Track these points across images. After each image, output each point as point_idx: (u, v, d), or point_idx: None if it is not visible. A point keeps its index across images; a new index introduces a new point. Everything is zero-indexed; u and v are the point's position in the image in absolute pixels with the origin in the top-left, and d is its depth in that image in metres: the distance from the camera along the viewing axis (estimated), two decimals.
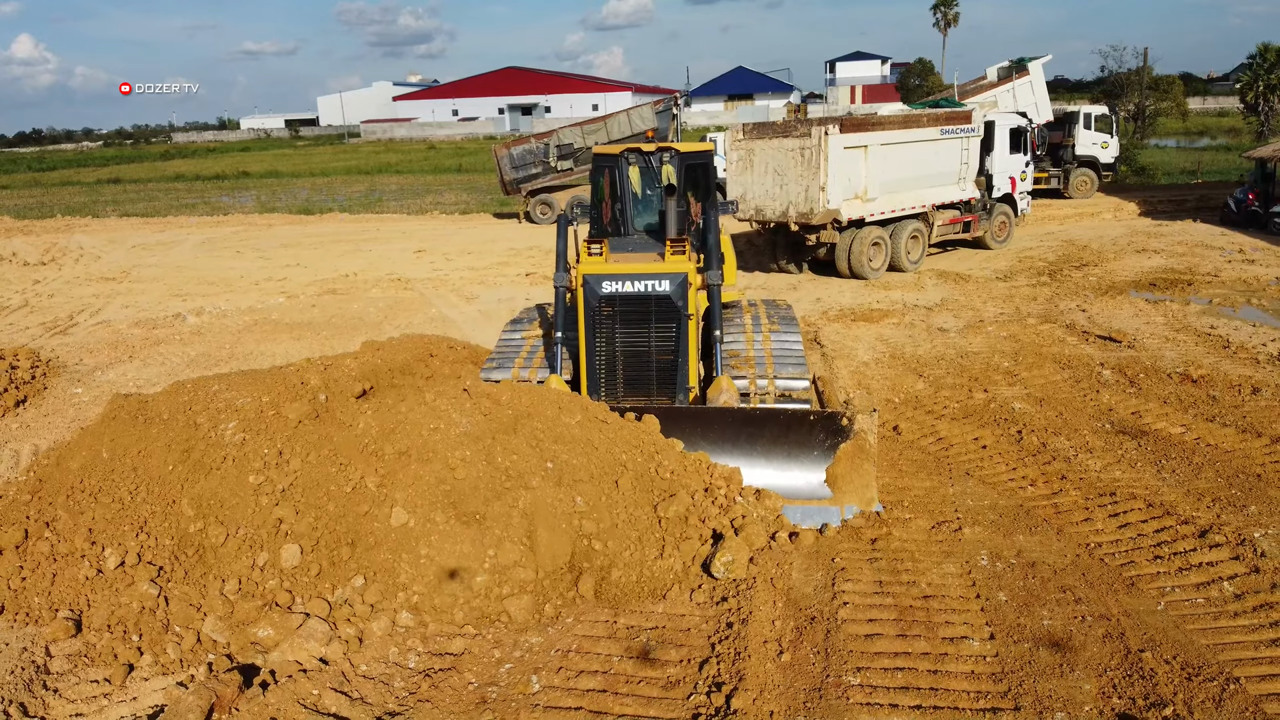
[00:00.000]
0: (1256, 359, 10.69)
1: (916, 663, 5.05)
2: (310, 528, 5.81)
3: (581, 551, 5.83)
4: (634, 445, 6.58)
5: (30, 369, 11.75)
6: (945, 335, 12.38)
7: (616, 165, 9.02)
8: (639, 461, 6.44)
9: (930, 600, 5.67)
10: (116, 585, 5.72)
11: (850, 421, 6.84)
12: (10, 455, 8.94)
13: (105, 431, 6.65)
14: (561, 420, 6.51)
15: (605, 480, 6.17)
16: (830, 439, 6.82)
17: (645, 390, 7.81)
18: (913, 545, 6.39)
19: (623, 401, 7.66)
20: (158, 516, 5.95)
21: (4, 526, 6.23)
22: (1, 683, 5.13)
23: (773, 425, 7.01)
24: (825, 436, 6.84)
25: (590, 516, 5.92)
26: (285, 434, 6.29)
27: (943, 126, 17.52)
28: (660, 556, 5.99)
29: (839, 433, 6.82)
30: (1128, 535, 6.50)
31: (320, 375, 7.06)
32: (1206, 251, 18.00)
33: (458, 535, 5.71)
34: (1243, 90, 55.23)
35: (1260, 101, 51.82)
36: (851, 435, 6.76)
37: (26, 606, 5.83)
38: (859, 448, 6.74)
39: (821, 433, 6.87)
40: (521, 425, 6.35)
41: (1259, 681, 4.82)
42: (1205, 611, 5.52)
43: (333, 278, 18.66)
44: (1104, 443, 8.26)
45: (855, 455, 6.72)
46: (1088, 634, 5.26)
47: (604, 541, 5.88)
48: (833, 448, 6.78)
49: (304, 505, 5.90)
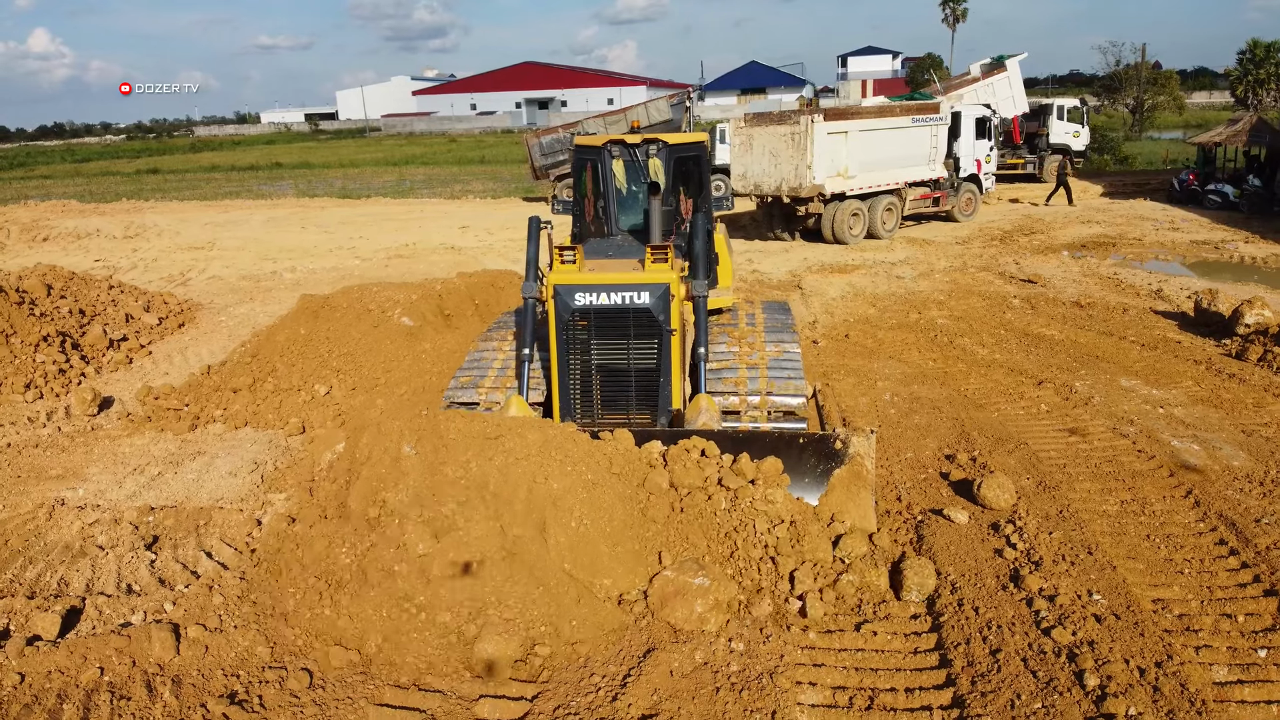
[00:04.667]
0: (1138, 293, 13.76)
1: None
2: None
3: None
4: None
5: (177, 305, 14.99)
6: (900, 280, 15.47)
7: (599, 159, 8.11)
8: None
9: (848, 413, 8.81)
10: (325, 404, 8.92)
11: (845, 445, 6.16)
12: (195, 355, 12.15)
13: (299, 317, 9.89)
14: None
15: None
16: (823, 464, 6.12)
17: (624, 409, 7.08)
18: (842, 390, 9.53)
19: (599, 422, 7.00)
20: (347, 365, 9.16)
21: (238, 376, 9.46)
22: (268, 455, 8.34)
23: (758, 449, 6.12)
24: (817, 462, 6.13)
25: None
26: (434, 322, 9.47)
27: (914, 116, 20.57)
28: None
29: (832, 457, 6.12)
30: (989, 385, 9.64)
31: (441, 285, 10.27)
32: (1141, 222, 20.98)
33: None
34: (1234, 84, 57.81)
35: (1250, 95, 54.36)
36: (847, 460, 6.09)
37: (264, 421, 9.05)
38: (855, 474, 6.07)
39: (813, 457, 6.15)
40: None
41: (1040, 443, 7.94)
42: (1022, 417, 8.66)
43: (395, 246, 21.88)
44: (995, 340, 11.38)
45: (852, 482, 6.06)
46: (941, 425, 8.41)
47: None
48: (826, 474, 6.10)
49: (450, 367, 9.05)
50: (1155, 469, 7.37)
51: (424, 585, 5.10)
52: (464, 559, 5.17)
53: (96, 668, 5.11)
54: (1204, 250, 17.55)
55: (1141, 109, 55.19)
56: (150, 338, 12.90)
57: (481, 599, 5.03)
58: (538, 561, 5.23)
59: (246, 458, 8.14)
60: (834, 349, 11.25)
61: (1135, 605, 5.40)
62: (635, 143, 8.08)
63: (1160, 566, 5.94)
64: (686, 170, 8.28)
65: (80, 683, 5.03)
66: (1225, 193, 22.86)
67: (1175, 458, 7.58)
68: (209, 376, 9.81)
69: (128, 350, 12.13)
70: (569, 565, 5.33)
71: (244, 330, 13.04)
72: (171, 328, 13.79)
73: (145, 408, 9.60)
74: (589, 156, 8.27)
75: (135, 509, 7.21)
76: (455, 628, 5.00)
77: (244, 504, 7.28)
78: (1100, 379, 9.67)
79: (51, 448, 8.84)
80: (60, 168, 67.94)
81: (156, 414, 9.38)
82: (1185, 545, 6.18)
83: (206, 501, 7.34)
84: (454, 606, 5.01)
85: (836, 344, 11.49)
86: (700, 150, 8.29)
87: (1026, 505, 6.69)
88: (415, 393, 8.77)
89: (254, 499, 7.34)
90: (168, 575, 6.29)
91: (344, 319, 9.54)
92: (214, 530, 6.85)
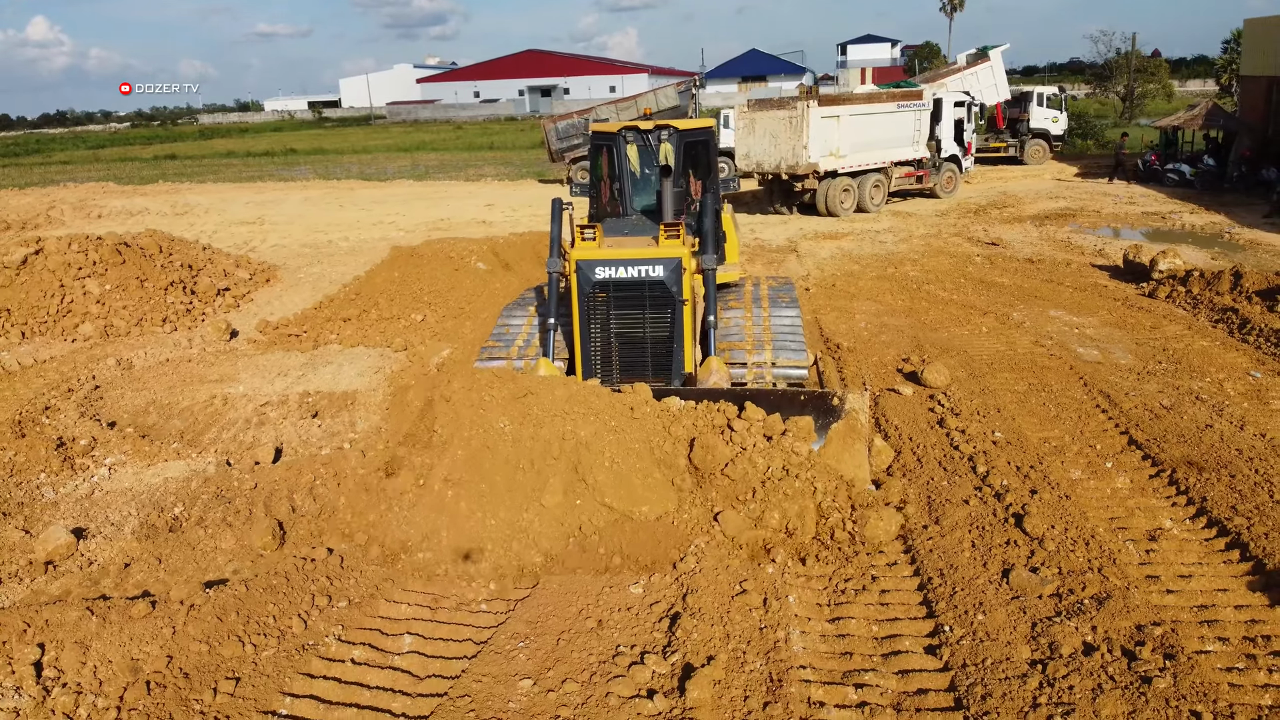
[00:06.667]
0: (1083, 252, 16.16)
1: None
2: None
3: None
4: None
5: (260, 266, 17.35)
6: (882, 245, 17.86)
7: (614, 144, 8.74)
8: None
9: (831, 334, 11.22)
10: (420, 328, 11.31)
11: (841, 401, 6.73)
12: (289, 302, 14.51)
13: (392, 264, 12.30)
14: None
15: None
16: (821, 419, 6.66)
17: (641, 375, 7.65)
18: (826, 321, 11.94)
19: (617, 386, 7.26)
20: (439, 300, 11.54)
21: (346, 309, 11.85)
22: (383, 363, 10.74)
23: (762, 405, 6.69)
24: (816, 417, 6.68)
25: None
26: (499, 268, 11.86)
27: (899, 102, 22.93)
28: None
29: (830, 413, 6.69)
30: (944, 316, 12.06)
31: (502, 241, 12.63)
32: (1103, 198, 23.36)
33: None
34: (1218, 72, 59.88)
35: (1234, 83, 56.50)
36: (843, 415, 6.66)
37: (373, 341, 11.43)
38: (850, 427, 6.63)
39: (812, 412, 6.72)
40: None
41: (976, 350, 10.34)
42: (966, 335, 11.09)
43: (431, 220, 24.22)
44: (955, 286, 13.79)
45: (847, 435, 6.62)
46: (901, 341, 10.83)
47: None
48: (824, 428, 6.65)
49: (514, 299, 11.46)
50: (1060, 365, 9.80)
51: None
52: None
53: (310, 475, 7.51)
54: (1152, 220, 19.92)
55: (1131, 96, 57.17)
56: (246, 289, 15.28)
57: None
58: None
59: (367, 365, 10.54)
60: (823, 294, 13.64)
61: (1023, 438, 7.83)
62: (648, 128, 8.68)
63: (1049, 419, 8.36)
64: (695, 154, 8.90)
65: (299, 485, 7.44)
66: (1182, 171, 25.21)
67: (1078, 358, 10.00)
68: (320, 310, 12.21)
69: (232, 297, 14.52)
70: (609, 499, 6.14)
71: (324, 284, 15.39)
72: (260, 283, 16.15)
73: (266, 336, 12.00)
74: (605, 142, 8.90)
75: (295, 394, 9.62)
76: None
77: (374, 392, 9.68)
78: (1034, 311, 12.08)
79: (202, 362, 11.24)
80: (77, 154, 69.49)
81: (279, 339, 11.78)
82: (1070, 408, 8.60)
83: (347, 390, 9.76)
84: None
85: (825, 290, 13.89)
86: (708, 135, 8.94)
87: (957, 386, 9.11)
88: (490, 319, 11.15)
89: (382, 389, 9.74)
90: (335, 431, 8.71)
91: (430, 264, 11.91)
92: (359, 407, 9.26)
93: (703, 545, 6.00)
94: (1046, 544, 6.04)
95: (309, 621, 5.38)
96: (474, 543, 6.13)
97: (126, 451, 8.50)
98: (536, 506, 6.20)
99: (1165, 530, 6.36)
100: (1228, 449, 7.46)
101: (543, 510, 6.19)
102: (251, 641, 4.98)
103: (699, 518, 6.21)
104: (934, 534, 6.30)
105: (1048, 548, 6.00)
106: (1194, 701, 4.59)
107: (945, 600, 5.53)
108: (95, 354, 11.68)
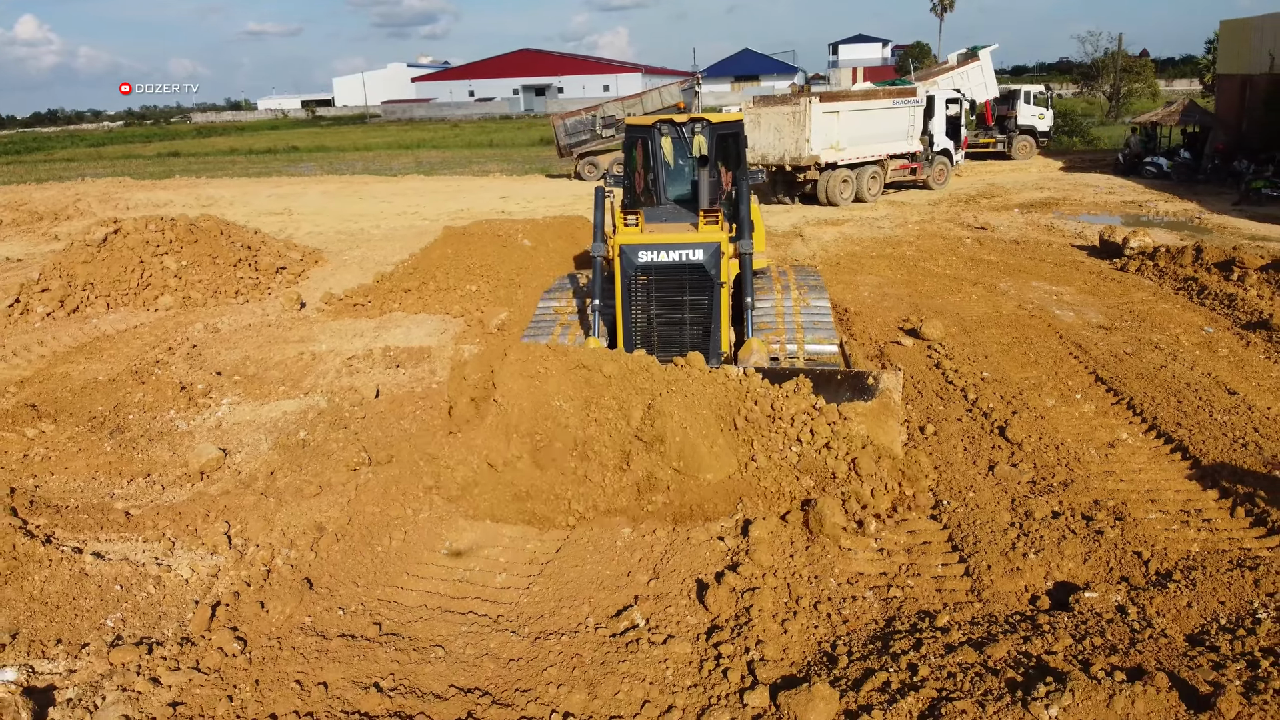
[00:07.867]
0: (1064, 235, 17.70)
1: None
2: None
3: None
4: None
5: (307, 250, 18.70)
6: (880, 230, 19.37)
7: (649, 136, 9.09)
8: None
9: (842, 303, 12.70)
10: (476, 297, 12.72)
11: (876, 381, 7.04)
12: (341, 280, 15.88)
13: (445, 242, 13.69)
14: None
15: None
16: (856, 398, 6.95)
17: (680, 354, 7.53)
18: (834, 292, 13.38)
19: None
20: (489, 273, 12.95)
21: (406, 281, 13.25)
22: (447, 326, 12.14)
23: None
24: (852, 395, 6.98)
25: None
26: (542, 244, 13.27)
27: (894, 99, 24.45)
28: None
29: (865, 391, 6.98)
30: (938, 286, 13.55)
31: (542, 221, 14.04)
32: (1085, 189, 24.93)
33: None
34: (1202, 72, 61.62)
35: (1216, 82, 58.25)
36: (877, 394, 6.95)
37: (434, 309, 12.81)
38: (884, 405, 6.88)
39: (848, 391, 7.02)
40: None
41: (966, 313, 11.81)
42: (958, 302, 12.58)
43: (452, 211, 25.56)
44: (948, 263, 15.30)
45: (881, 413, 6.85)
46: (901, 306, 12.32)
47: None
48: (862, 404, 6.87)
49: (559, 272, 12.88)
50: (1039, 323, 11.30)
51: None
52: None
53: (411, 406, 8.93)
54: (1129, 208, 21.49)
55: (1118, 95, 58.83)
56: (300, 268, 16.66)
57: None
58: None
59: (433, 328, 11.96)
60: (828, 271, 15.08)
61: (1006, 377, 9.32)
62: (682, 122, 9.09)
63: (1029, 363, 9.86)
64: (726, 146, 9.29)
65: (404, 414, 8.86)
66: (1160, 164, 26.82)
67: (1055, 318, 11.50)
68: (380, 284, 13.61)
69: (290, 275, 15.90)
70: (677, 464, 6.38)
71: (370, 265, 16.77)
72: (310, 264, 17.53)
73: (332, 306, 13.38)
74: (640, 134, 9.24)
75: (378, 349, 11.03)
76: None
77: (444, 348, 11.09)
78: (1018, 282, 13.59)
79: (280, 326, 12.62)
80: (79, 151, 69.90)
81: (345, 309, 13.17)
82: (1047, 355, 10.09)
83: (421, 345, 11.16)
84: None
85: (830, 268, 15.37)
86: (739, 129, 9.26)
87: (950, 339, 10.60)
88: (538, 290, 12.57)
89: (452, 346, 11.15)
90: (419, 377, 10.12)
91: (480, 242, 13.31)
92: (435, 359, 10.67)
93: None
94: (1024, 447, 7.53)
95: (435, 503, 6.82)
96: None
97: (239, 394, 9.90)
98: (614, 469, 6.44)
99: (1122, 440, 7.85)
100: (1178, 383, 8.95)
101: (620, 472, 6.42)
102: (410, 506, 6.41)
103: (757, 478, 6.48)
104: (933, 442, 7.77)
105: (1025, 450, 7.48)
106: (1137, 546, 6.04)
107: (944, 484, 6.99)
108: (180, 321, 13.06)
